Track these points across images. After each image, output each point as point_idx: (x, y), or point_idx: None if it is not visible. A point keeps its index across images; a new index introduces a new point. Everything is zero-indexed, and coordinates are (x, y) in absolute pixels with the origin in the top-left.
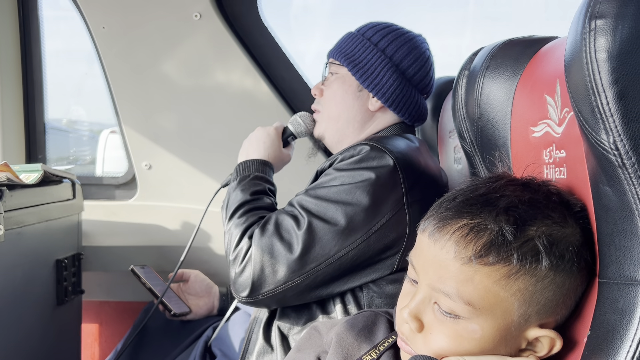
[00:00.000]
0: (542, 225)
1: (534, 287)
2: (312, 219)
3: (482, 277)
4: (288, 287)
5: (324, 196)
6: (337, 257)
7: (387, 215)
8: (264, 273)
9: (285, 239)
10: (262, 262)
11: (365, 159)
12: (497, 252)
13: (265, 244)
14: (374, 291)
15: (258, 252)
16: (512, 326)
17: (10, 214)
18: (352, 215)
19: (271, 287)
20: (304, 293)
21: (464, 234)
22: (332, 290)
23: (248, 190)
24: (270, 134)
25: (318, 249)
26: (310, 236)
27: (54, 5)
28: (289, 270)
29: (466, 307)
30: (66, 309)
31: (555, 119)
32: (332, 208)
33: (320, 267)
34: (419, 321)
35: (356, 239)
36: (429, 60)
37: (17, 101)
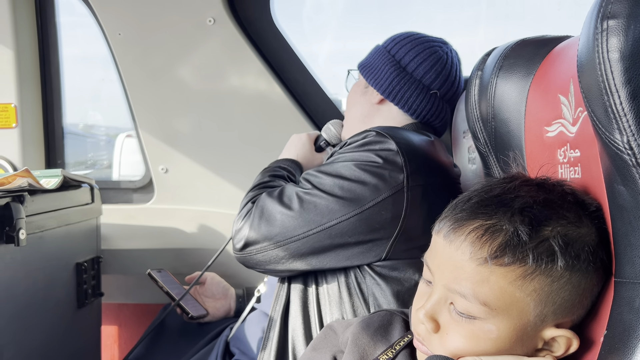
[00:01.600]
0: (558, 225)
1: (549, 287)
2: (311, 189)
3: (498, 278)
4: (279, 247)
5: (325, 170)
6: (329, 226)
7: (383, 195)
8: (260, 229)
9: (285, 203)
10: (260, 220)
11: (369, 142)
12: (513, 252)
13: (266, 206)
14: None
15: (258, 211)
16: (529, 326)
17: (31, 218)
18: (348, 189)
19: (265, 244)
20: (294, 256)
21: (479, 234)
22: (323, 264)
23: (267, 174)
24: (301, 138)
25: (312, 215)
26: (307, 203)
27: (69, 11)
28: (283, 231)
29: (482, 307)
30: (86, 312)
31: (569, 118)
32: (330, 180)
33: (310, 233)
34: (434, 322)
35: (349, 210)
36: (435, 54)
37: (36, 107)
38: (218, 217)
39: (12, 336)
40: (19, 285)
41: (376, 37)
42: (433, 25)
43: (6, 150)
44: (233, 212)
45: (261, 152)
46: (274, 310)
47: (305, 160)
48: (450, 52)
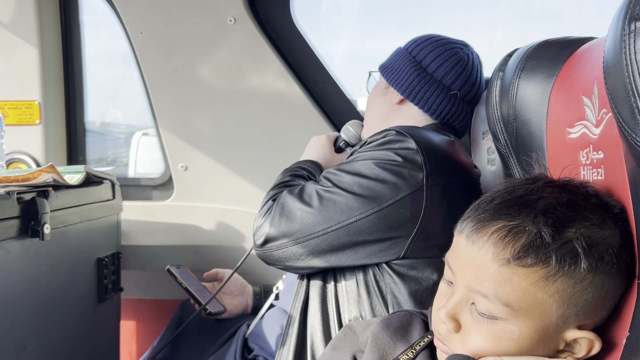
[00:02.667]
0: (581, 227)
1: (572, 288)
2: (331, 187)
3: (520, 279)
4: (299, 244)
5: (345, 169)
6: (348, 223)
7: (402, 193)
8: (280, 226)
9: (305, 200)
10: (280, 217)
11: (389, 141)
12: (536, 253)
13: (287, 203)
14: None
15: (278, 208)
16: (550, 327)
17: (55, 213)
18: (367, 187)
19: (284, 241)
20: (313, 253)
21: (502, 235)
22: (342, 261)
23: (288, 174)
24: (321, 140)
25: (331, 212)
26: (326, 200)
27: (89, 10)
28: (302, 227)
29: (504, 308)
30: (106, 306)
31: (592, 120)
32: (349, 178)
33: (329, 230)
34: (456, 321)
35: (368, 208)
36: (456, 56)
37: (59, 104)
38: (236, 215)
39: (36, 329)
40: (43, 279)
41: (395, 38)
42: (452, 25)
43: (30, 146)
44: (251, 210)
45: (279, 151)
46: (293, 307)
47: (325, 161)
48: (472, 54)
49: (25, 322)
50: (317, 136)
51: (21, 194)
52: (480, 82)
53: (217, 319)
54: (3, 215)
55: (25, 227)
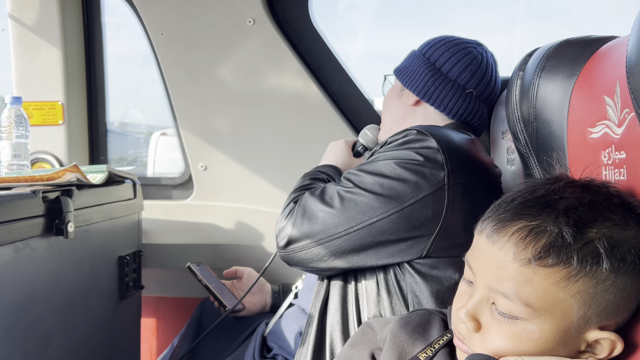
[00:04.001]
0: (603, 227)
1: (594, 289)
2: (352, 187)
3: (541, 279)
4: (321, 245)
5: (365, 169)
6: (369, 223)
7: (424, 192)
8: (303, 227)
9: (326, 201)
10: (302, 218)
11: (410, 141)
12: (557, 254)
13: (308, 204)
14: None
15: (300, 210)
16: (572, 328)
17: (79, 212)
18: (388, 186)
19: (307, 242)
20: (335, 254)
21: (523, 235)
22: (364, 262)
23: (308, 177)
24: (339, 145)
25: (353, 212)
26: (348, 200)
27: (109, 12)
28: (324, 228)
29: (525, 308)
30: (127, 304)
31: (614, 119)
32: (370, 178)
33: (351, 230)
34: (476, 321)
35: (390, 208)
36: (470, 55)
37: (81, 105)
38: (255, 214)
39: (60, 325)
40: (67, 276)
41: (413, 37)
42: (471, 24)
43: (53, 146)
44: (269, 209)
45: (298, 151)
46: (313, 306)
47: (344, 166)
48: (485, 52)
49: (50, 318)
50: (334, 141)
51: (46, 193)
52: (495, 80)
53: (235, 316)
54: (29, 214)
55: (50, 225)
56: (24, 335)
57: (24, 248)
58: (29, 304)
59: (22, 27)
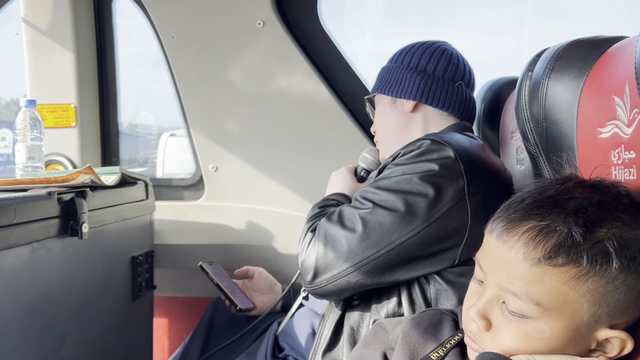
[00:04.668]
0: (612, 227)
1: (604, 288)
2: (374, 207)
3: (552, 278)
4: (350, 273)
5: (385, 186)
6: (398, 244)
7: (447, 205)
8: (327, 257)
9: (347, 226)
10: (325, 247)
11: (426, 152)
12: (567, 253)
13: (329, 231)
14: (439, 283)
15: (321, 238)
16: (582, 327)
17: (93, 213)
18: (412, 203)
19: (334, 272)
20: (366, 280)
21: (533, 235)
22: (395, 278)
23: (317, 206)
24: (341, 173)
25: (379, 235)
26: (371, 223)
27: (120, 13)
28: (351, 255)
29: (535, 307)
30: (140, 303)
31: (624, 119)
32: (392, 196)
33: (380, 253)
34: (486, 320)
35: (416, 225)
36: (445, 51)
37: (94, 107)
38: (265, 215)
39: (75, 324)
40: (82, 277)
41: (421, 37)
42: (479, 23)
43: (66, 148)
44: (280, 209)
45: (307, 151)
46: (330, 309)
47: (350, 192)
48: (451, 47)
49: (66, 317)
50: (335, 171)
51: (61, 195)
52: (469, 68)
53: (247, 315)
54: (44, 215)
55: (65, 226)
56: (40, 334)
57: (40, 249)
58: (45, 304)
59: (35, 31)
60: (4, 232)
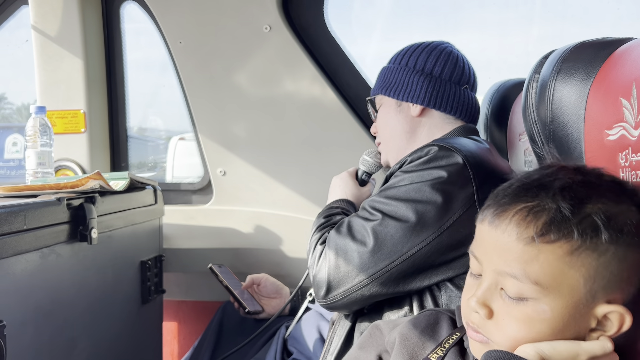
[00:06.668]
0: (598, 202)
1: (597, 261)
2: (383, 218)
3: (546, 255)
4: (364, 286)
5: (394, 196)
6: (410, 254)
7: (458, 212)
8: (340, 271)
9: (358, 239)
10: (336, 261)
11: (434, 158)
12: (558, 229)
13: (339, 244)
14: (451, 290)
15: (332, 252)
16: (580, 304)
17: (102, 218)
18: (422, 212)
19: (348, 287)
20: (380, 291)
21: (524, 215)
22: (409, 288)
23: (322, 216)
24: (342, 178)
25: (390, 246)
26: (382, 234)
27: (127, 18)
28: (364, 269)
29: (534, 287)
30: (149, 308)
31: (631, 122)
32: (402, 206)
33: (393, 265)
34: (487, 307)
35: (428, 235)
36: (451, 54)
37: (102, 113)
38: (273, 218)
39: (85, 328)
40: (91, 281)
41: (428, 39)
42: (486, 25)
43: (75, 153)
44: (287, 213)
45: (315, 155)
46: (340, 316)
47: (353, 197)
48: (454, 47)
49: (76, 322)
50: (336, 176)
51: (70, 200)
52: (472, 69)
53: (255, 319)
54: (54, 221)
55: (74, 231)
56: (51, 338)
57: (50, 254)
58: (55, 309)
59: (44, 38)
60: (15, 238)
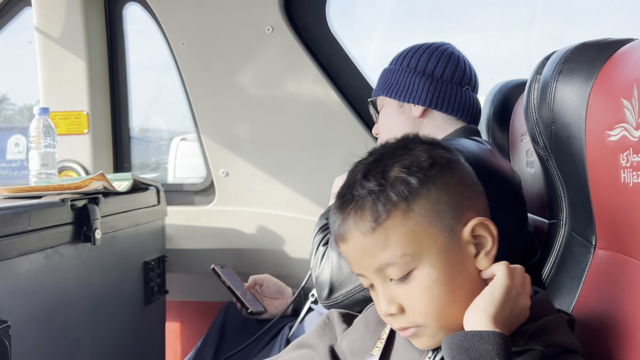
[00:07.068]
0: (394, 164)
1: (429, 204)
2: None
3: (393, 230)
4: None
5: None
6: None
7: None
8: (342, 272)
9: None
10: (339, 262)
11: None
12: (382, 205)
13: None
14: None
15: (334, 253)
16: (448, 244)
17: (105, 219)
18: None
19: (350, 287)
20: None
21: (354, 216)
22: None
23: (325, 217)
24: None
25: None
26: None
27: (129, 19)
28: None
29: (406, 259)
30: (152, 308)
31: (632, 122)
32: None
33: None
34: (395, 303)
35: None
36: (452, 55)
37: (105, 114)
38: (276, 219)
39: (89, 329)
40: (95, 282)
41: (430, 40)
42: (488, 26)
43: (79, 154)
44: (290, 214)
45: (317, 156)
46: None
47: None
48: (455, 48)
49: (80, 322)
50: (339, 177)
51: (74, 201)
52: (473, 70)
53: (258, 319)
54: (58, 222)
55: (78, 232)
56: (55, 339)
57: (54, 255)
58: (59, 309)
59: (48, 40)
60: (19, 239)
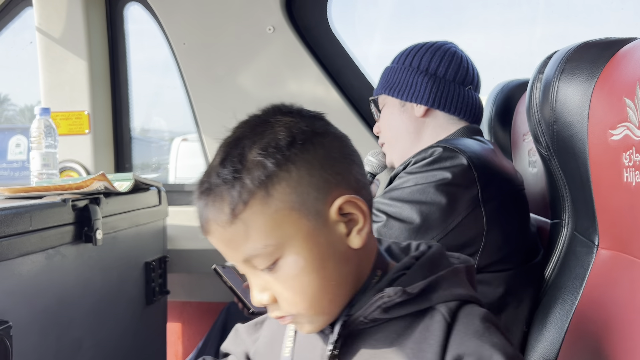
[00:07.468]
0: (251, 148)
1: (288, 187)
2: (388, 220)
3: (252, 219)
4: None
5: (398, 197)
6: None
7: (462, 214)
8: None
9: None
10: None
11: (439, 159)
12: (238, 193)
13: None
14: None
15: None
16: (313, 228)
17: (106, 219)
18: (427, 214)
19: None
20: None
21: (213, 207)
22: None
23: None
24: None
25: None
26: (387, 235)
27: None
28: None
29: (269, 249)
30: (154, 309)
31: (635, 121)
32: (407, 208)
33: None
34: (266, 292)
35: (432, 237)
36: (455, 54)
37: (106, 114)
38: None
39: (90, 329)
40: (96, 282)
41: (432, 39)
42: (489, 26)
43: (80, 154)
44: None
45: None
46: None
47: None
48: (458, 48)
49: (81, 322)
50: None
51: (75, 202)
52: (475, 69)
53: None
54: (60, 222)
55: (79, 232)
56: (56, 339)
57: (55, 255)
58: (61, 309)
59: (49, 40)
60: (21, 239)
